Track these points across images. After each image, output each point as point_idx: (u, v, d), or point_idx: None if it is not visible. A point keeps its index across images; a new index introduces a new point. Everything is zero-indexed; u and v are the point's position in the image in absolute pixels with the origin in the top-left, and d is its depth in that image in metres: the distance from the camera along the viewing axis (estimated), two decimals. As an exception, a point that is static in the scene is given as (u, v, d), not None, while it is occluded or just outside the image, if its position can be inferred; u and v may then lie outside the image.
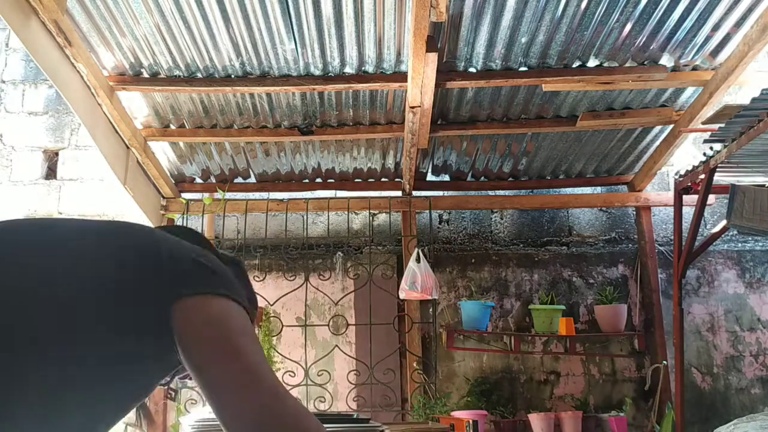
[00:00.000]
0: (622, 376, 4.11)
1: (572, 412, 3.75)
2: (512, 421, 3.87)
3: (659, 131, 3.90)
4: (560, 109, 3.69)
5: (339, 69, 3.30)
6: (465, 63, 3.27)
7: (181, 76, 3.36)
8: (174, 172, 4.25)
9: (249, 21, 2.97)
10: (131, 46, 3.15)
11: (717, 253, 4.27)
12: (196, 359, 0.90)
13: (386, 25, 2.99)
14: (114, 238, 1.01)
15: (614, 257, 4.32)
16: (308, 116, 3.71)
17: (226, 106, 3.64)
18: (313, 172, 4.31)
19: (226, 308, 0.95)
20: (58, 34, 2.86)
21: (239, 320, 0.95)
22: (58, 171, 4.47)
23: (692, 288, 4.23)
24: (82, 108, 3.23)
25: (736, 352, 4.15)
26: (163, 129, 3.82)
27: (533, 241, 4.39)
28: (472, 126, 3.79)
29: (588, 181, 4.40)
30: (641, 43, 3.13)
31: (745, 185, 3.28)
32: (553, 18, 2.95)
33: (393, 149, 4.09)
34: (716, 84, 3.21)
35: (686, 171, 3.63)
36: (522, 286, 4.26)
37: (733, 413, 3.92)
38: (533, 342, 4.13)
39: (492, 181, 4.41)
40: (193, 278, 0.96)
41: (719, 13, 2.94)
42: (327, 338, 4.06)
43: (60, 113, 4.53)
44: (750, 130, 2.94)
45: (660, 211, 4.37)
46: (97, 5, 2.91)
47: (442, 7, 2.52)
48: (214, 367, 0.89)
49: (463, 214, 4.43)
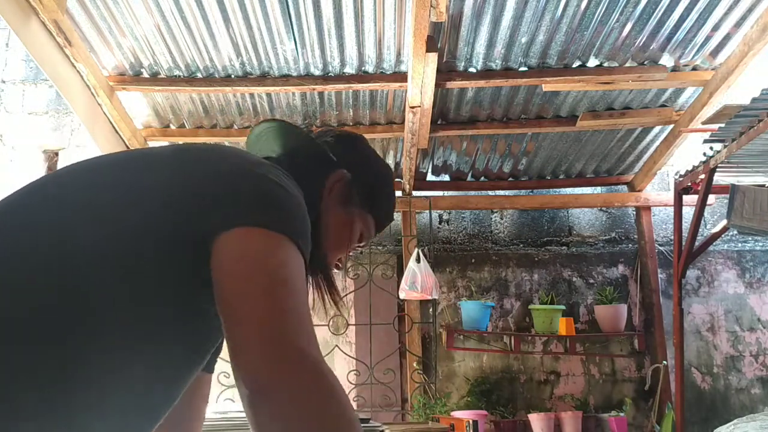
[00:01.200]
0: (622, 376, 4.11)
1: (572, 412, 3.75)
2: (512, 421, 3.87)
3: (659, 131, 3.90)
4: (560, 109, 3.69)
5: (339, 69, 3.31)
6: (465, 63, 3.27)
7: (181, 76, 3.36)
8: (174, 172, 4.25)
9: (249, 21, 2.97)
10: (131, 46, 3.15)
11: (717, 253, 4.27)
12: (219, 301, 0.77)
13: (386, 25, 2.99)
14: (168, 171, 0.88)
15: (614, 257, 4.32)
16: (308, 116, 3.71)
17: (226, 106, 3.64)
18: (313, 172, 4.30)
19: (269, 243, 0.79)
20: (58, 34, 2.86)
21: (282, 259, 0.79)
22: (58, 171, 4.46)
23: (692, 288, 4.23)
24: (82, 108, 3.23)
25: (736, 352, 4.15)
26: (163, 129, 3.82)
27: (533, 241, 4.39)
28: (472, 126, 3.79)
29: (588, 181, 4.40)
30: (641, 43, 3.13)
31: (745, 185, 3.28)
32: (553, 18, 2.95)
33: (393, 149, 4.09)
34: (716, 84, 3.21)
35: (686, 171, 3.63)
36: (522, 286, 4.26)
37: (733, 413, 3.92)
38: (533, 342, 4.13)
39: (492, 181, 4.41)
40: (234, 209, 0.82)
41: (719, 13, 2.94)
42: (327, 338, 4.05)
43: (60, 113, 4.53)
44: (750, 130, 2.94)
45: (660, 211, 4.37)
46: (97, 5, 2.91)
47: (442, 7, 2.52)
48: (235, 304, 0.75)
49: (463, 214, 4.43)
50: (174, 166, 0.89)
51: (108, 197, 0.83)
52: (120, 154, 0.98)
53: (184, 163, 0.90)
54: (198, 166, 0.89)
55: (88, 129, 3.31)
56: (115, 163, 0.92)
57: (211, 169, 0.88)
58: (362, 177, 1.10)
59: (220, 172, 0.87)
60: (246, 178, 0.87)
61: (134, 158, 0.95)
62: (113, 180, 0.87)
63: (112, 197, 0.83)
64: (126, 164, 0.91)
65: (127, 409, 0.78)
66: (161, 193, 0.83)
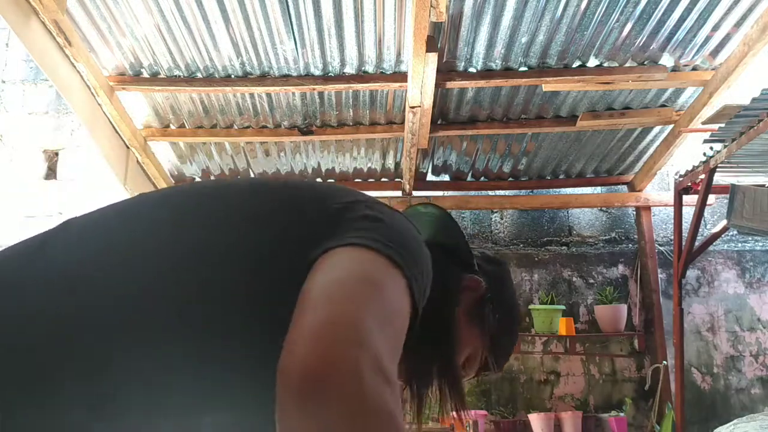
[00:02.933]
0: (622, 376, 4.11)
1: (572, 412, 3.75)
2: (512, 421, 3.87)
3: (659, 131, 3.90)
4: (560, 109, 3.69)
5: (339, 69, 3.30)
6: (465, 63, 3.27)
7: (181, 76, 3.36)
8: (174, 172, 4.25)
9: (249, 21, 2.97)
10: (131, 46, 3.15)
11: (717, 253, 4.27)
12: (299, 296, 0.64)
13: (386, 25, 2.99)
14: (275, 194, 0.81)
15: (614, 257, 4.31)
16: (308, 116, 3.71)
17: (226, 106, 3.64)
18: (313, 172, 4.30)
19: (375, 260, 0.67)
20: (58, 34, 2.86)
21: (383, 281, 0.66)
22: (58, 171, 4.47)
23: (692, 288, 4.23)
24: (82, 108, 3.23)
25: (736, 352, 4.15)
26: (163, 129, 3.82)
27: (533, 241, 4.39)
28: (472, 126, 3.79)
29: (588, 181, 4.40)
30: (641, 43, 3.13)
31: (745, 185, 3.28)
32: (553, 18, 2.95)
33: (393, 149, 4.09)
34: (716, 84, 3.21)
35: (686, 171, 3.63)
36: (522, 286, 4.26)
37: (733, 413, 3.92)
38: (533, 342, 4.13)
39: (492, 181, 4.41)
40: (343, 228, 0.72)
41: (719, 13, 2.94)
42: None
43: (60, 113, 4.53)
44: (750, 130, 2.94)
45: (660, 211, 4.37)
46: (97, 5, 2.91)
47: (442, 7, 2.52)
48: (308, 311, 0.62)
49: (463, 214, 4.43)
50: (284, 197, 0.82)
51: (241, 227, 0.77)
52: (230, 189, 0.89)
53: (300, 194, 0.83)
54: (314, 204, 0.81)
55: (88, 129, 3.31)
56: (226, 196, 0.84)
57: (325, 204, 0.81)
58: (498, 298, 1.02)
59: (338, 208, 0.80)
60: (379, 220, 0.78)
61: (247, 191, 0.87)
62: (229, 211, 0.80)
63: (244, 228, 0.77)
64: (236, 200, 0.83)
65: None
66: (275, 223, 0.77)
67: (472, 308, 0.98)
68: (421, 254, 0.76)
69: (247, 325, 0.69)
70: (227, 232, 0.75)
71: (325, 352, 0.57)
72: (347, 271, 0.66)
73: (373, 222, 0.74)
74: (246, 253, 0.73)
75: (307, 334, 0.59)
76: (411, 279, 0.69)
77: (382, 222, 0.75)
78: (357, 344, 0.58)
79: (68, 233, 0.80)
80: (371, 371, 0.56)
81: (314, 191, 0.83)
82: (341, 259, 0.68)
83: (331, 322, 0.59)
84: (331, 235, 0.71)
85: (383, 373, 0.58)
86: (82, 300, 0.70)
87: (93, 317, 0.69)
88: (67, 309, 0.69)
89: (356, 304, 0.62)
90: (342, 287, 0.64)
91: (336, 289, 0.64)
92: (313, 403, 0.54)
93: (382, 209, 0.79)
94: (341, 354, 0.57)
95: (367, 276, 0.66)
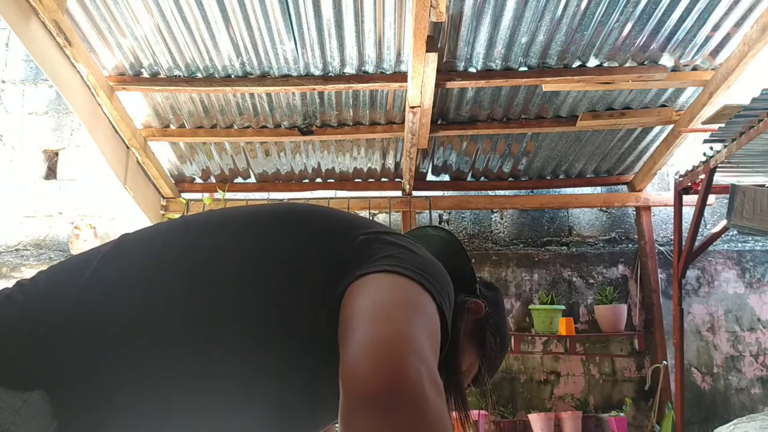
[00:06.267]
0: (622, 376, 4.11)
1: (572, 412, 3.75)
2: (512, 421, 3.87)
3: (659, 131, 3.90)
4: (560, 109, 3.69)
5: (339, 69, 3.30)
6: (465, 63, 3.27)
7: (181, 76, 3.36)
8: (174, 172, 4.25)
9: (249, 21, 2.97)
10: (131, 46, 3.15)
11: (717, 253, 4.27)
12: (342, 322, 0.73)
13: (386, 25, 2.99)
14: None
15: (614, 257, 4.31)
16: (308, 116, 3.71)
17: (226, 106, 3.64)
18: (313, 172, 4.30)
19: (411, 288, 0.75)
20: (58, 34, 2.86)
21: (423, 304, 0.74)
22: (58, 171, 4.47)
23: (692, 288, 4.23)
24: (82, 108, 3.23)
25: (736, 352, 4.15)
26: (163, 129, 3.82)
27: (533, 241, 4.39)
28: (472, 126, 3.79)
29: (588, 181, 4.40)
30: (641, 43, 3.13)
31: (745, 185, 3.28)
32: (553, 18, 2.95)
33: (393, 149, 4.09)
34: (716, 84, 3.21)
35: (686, 171, 3.63)
36: (522, 286, 4.26)
37: (733, 413, 3.92)
38: (533, 342, 4.13)
39: (492, 181, 4.41)
40: (374, 256, 0.80)
41: (719, 13, 2.94)
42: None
43: (60, 113, 4.53)
44: (750, 130, 2.94)
45: (660, 211, 4.37)
46: (97, 5, 2.91)
47: (442, 7, 2.53)
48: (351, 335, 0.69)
49: (463, 214, 4.43)
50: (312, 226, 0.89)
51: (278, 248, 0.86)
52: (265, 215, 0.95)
53: None
54: None
55: (88, 129, 3.31)
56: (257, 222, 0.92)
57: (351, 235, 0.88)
58: (493, 320, 1.10)
59: None
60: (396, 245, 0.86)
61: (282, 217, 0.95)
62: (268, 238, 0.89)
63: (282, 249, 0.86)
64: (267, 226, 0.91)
65: None
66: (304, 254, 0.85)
67: (472, 329, 1.07)
68: (446, 282, 0.85)
69: (285, 338, 0.79)
70: (262, 261, 0.84)
71: (393, 365, 0.63)
72: (390, 294, 0.74)
73: (402, 250, 0.82)
74: (281, 277, 0.81)
75: (369, 350, 0.65)
76: (441, 304, 0.78)
77: (411, 251, 0.83)
78: (418, 358, 0.65)
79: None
80: (430, 383, 0.64)
81: (341, 221, 0.91)
82: (381, 284, 0.75)
83: (391, 339, 0.66)
84: (362, 262, 0.79)
85: (438, 385, 0.65)
86: None
87: None
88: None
89: (407, 323, 0.69)
90: (389, 308, 0.71)
91: (385, 309, 0.71)
92: (390, 412, 0.61)
93: (405, 240, 0.87)
94: (407, 368, 0.63)
95: (409, 298, 0.74)
